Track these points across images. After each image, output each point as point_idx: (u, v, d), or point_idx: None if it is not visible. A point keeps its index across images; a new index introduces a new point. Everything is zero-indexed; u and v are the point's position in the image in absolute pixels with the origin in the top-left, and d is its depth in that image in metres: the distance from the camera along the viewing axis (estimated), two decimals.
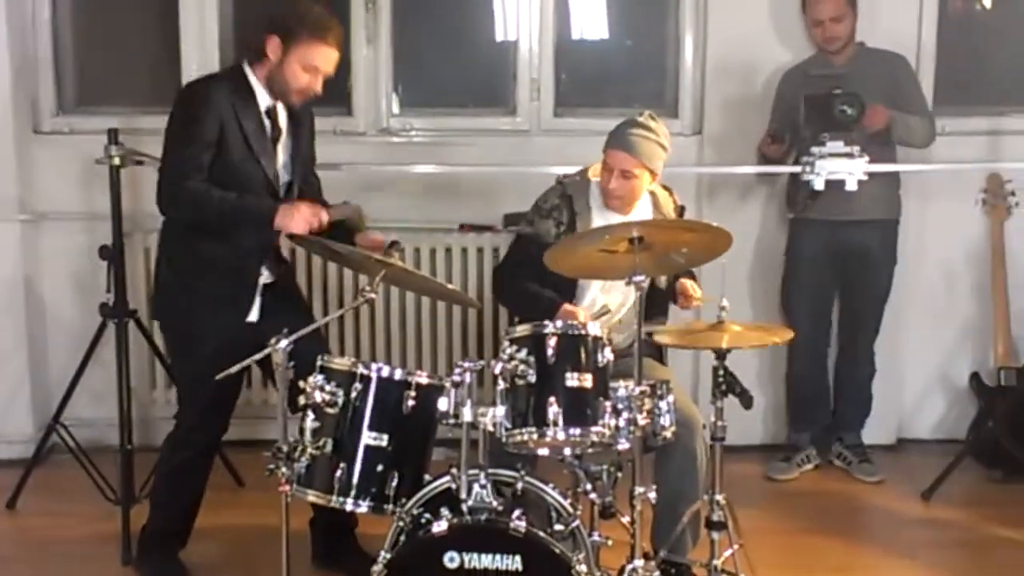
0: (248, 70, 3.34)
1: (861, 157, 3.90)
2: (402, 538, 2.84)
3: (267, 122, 3.36)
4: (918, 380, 4.59)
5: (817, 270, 4.47)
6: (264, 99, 3.34)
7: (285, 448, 2.86)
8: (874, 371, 4.57)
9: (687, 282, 3.45)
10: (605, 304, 3.34)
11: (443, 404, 2.88)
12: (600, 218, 3.46)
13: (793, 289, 4.53)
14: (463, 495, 2.77)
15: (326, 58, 3.31)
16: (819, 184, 3.93)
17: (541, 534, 2.76)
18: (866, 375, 4.56)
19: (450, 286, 3.27)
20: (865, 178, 3.92)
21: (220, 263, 3.34)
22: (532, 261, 3.27)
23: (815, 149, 3.93)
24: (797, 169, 4.13)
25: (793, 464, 4.56)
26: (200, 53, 4.70)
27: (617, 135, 3.38)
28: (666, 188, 3.61)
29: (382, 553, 2.79)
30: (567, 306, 3.31)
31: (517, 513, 2.75)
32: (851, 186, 3.91)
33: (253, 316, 3.39)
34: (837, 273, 4.48)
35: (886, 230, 4.43)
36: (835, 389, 4.62)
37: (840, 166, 3.89)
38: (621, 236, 2.89)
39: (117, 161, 3.84)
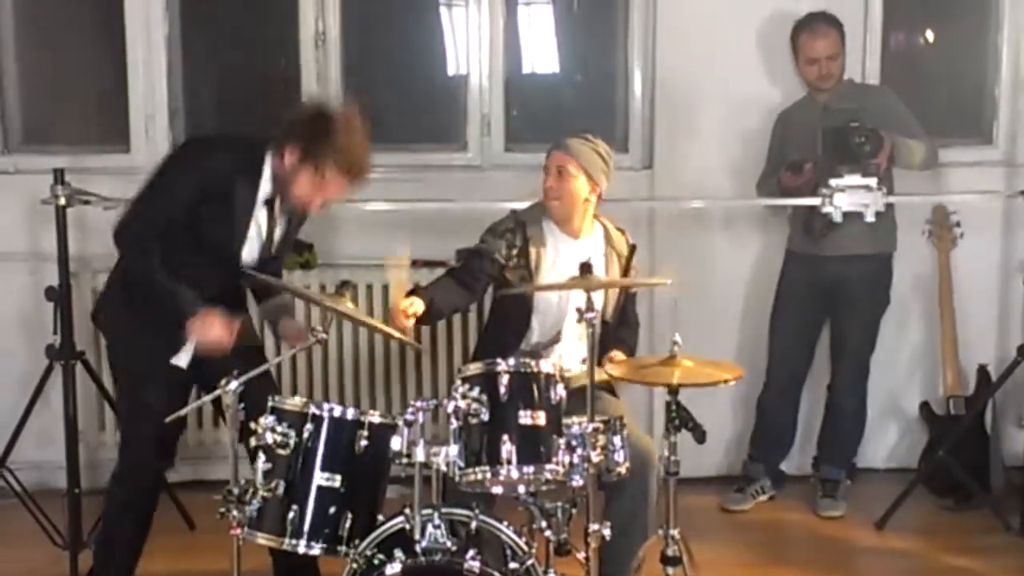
0: (268, 154, 3.23)
1: (879, 190, 3.94)
2: None
3: (263, 211, 3.28)
4: (870, 410, 4.63)
5: (802, 304, 4.52)
6: (267, 187, 3.25)
7: (236, 490, 2.82)
8: (858, 407, 4.58)
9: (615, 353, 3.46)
10: (559, 331, 3.39)
11: (396, 443, 2.86)
12: (553, 245, 3.52)
13: (777, 321, 4.58)
14: (417, 535, 2.76)
15: (341, 191, 3.23)
16: (838, 216, 3.97)
17: (496, 573, 2.74)
18: (849, 410, 4.57)
19: (389, 331, 3.23)
20: (883, 210, 3.97)
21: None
22: (465, 269, 3.52)
23: (833, 181, 3.97)
24: (788, 202, 4.30)
25: (748, 495, 4.58)
26: (148, 92, 4.68)
27: (556, 142, 3.54)
28: (619, 229, 3.65)
29: None
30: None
31: (471, 553, 2.73)
32: (869, 218, 3.94)
33: (182, 360, 3.24)
34: (824, 307, 4.53)
35: (877, 264, 4.48)
36: (821, 422, 4.65)
37: (858, 198, 3.94)
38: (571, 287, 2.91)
39: (63, 201, 3.79)
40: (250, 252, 3.32)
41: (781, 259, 4.58)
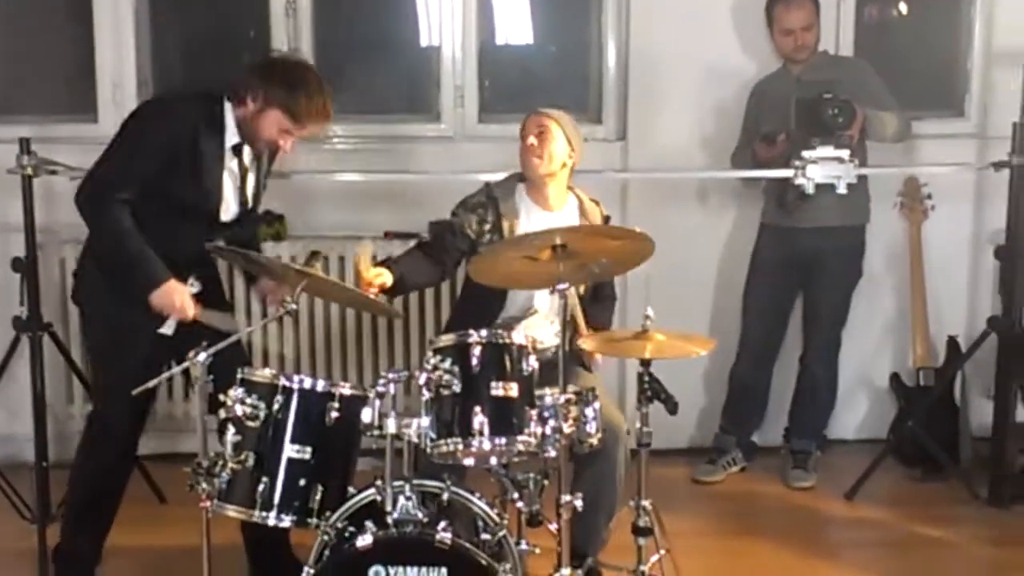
0: (228, 105, 3.25)
1: (851, 162, 3.94)
2: (327, 552, 2.81)
3: (233, 160, 3.29)
4: (841, 381, 4.65)
5: (776, 276, 4.52)
6: (232, 136, 3.26)
7: (205, 463, 2.81)
8: (828, 380, 4.59)
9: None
10: (533, 306, 3.39)
11: (367, 415, 2.85)
12: (526, 218, 3.49)
13: (750, 294, 4.59)
14: (388, 507, 2.75)
15: (304, 131, 3.27)
16: (810, 188, 3.97)
17: (467, 545, 2.74)
18: (820, 382, 4.59)
19: (370, 295, 3.23)
20: (855, 181, 3.97)
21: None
22: (435, 243, 3.53)
23: (806, 153, 3.96)
24: (760, 174, 4.30)
25: (719, 466, 4.60)
26: (115, 60, 4.62)
27: (532, 110, 3.55)
28: (594, 200, 3.64)
29: (306, 569, 2.76)
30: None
31: (443, 524, 2.73)
32: (841, 189, 3.95)
33: (167, 329, 3.29)
34: (797, 280, 4.54)
35: (849, 236, 4.48)
36: (793, 393, 4.67)
37: (831, 170, 3.93)
38: (546, 243, 2.87)
39: (30, 171, 3.74)
40: (227, 208, 3.32)
41: (755, 232, 4.58)
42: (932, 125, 4.78)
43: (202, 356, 2.80)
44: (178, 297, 3.19)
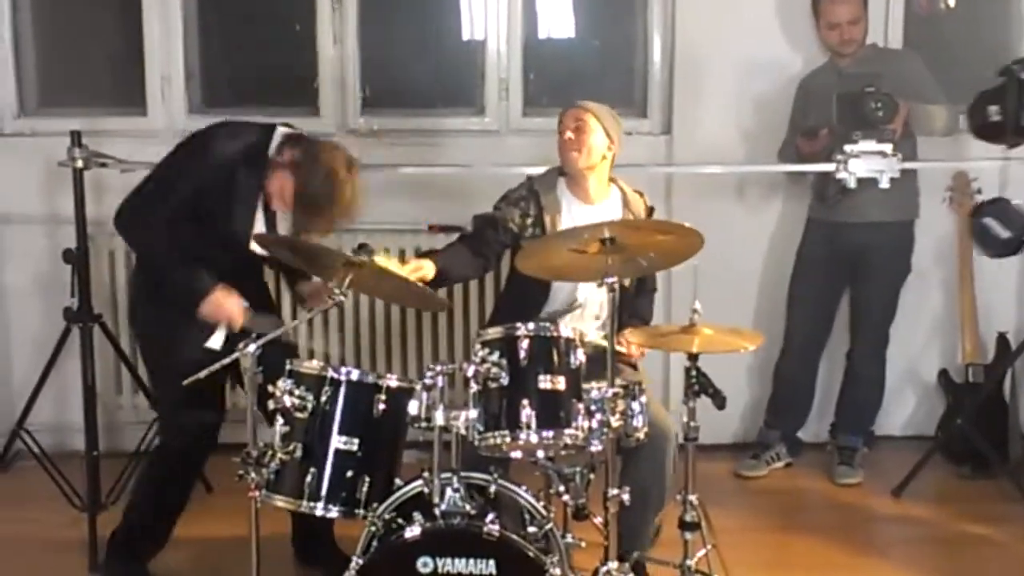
0: (275, 142, 3.26)
1: (894, 156, 3.90)
2: (374, 543, 2.82)
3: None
4: (889, 377, 4.60)
5: (822, 271, 4.49)
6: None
7: (254, 453, 2.83)
8: (876, 376, 4.56)
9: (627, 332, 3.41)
10: (577, 299, 3.39)
11: (414, 407, 2.86)
12: (568, 212, 3.48)
13: (796, 288, 4.55)
14: (436, 499, 2.76)
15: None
16: (852, 183, 3.93)
17: (515, 537, 2.74)
18: (868, 378, 4.55)
19: (420, 285, 3.23)
20: (898, 176, 3.93)
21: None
22: (478, 237, 3.51)
23: (848, 147, 3.93)
24: (803, 168, 4.26)
25: (762, 461, 4.58)
26: (164, 54, 4.66)
27: (569, 104, 3.54)
28: (637, 191, 3.62)
29: (354, 559, 2.77)
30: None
31: (491, 516, 2.73)
32: (884, 184, 3.90)
33: (215, 343, 3.28)
34: (844, 275, 4.50)
35: (898, 232, 4.44)
36: (840, 389, 4.64)
37: (873, 164, 3.90)
38: (595, 236, 2.87)
39: (80, 164, 3.77)
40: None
41: (800, 225, 4.55)
42: None
43: (251, 347, 2.82)
44: (227, 304, 3.21)
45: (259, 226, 3.30)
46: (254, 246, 3.28)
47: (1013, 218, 4.22)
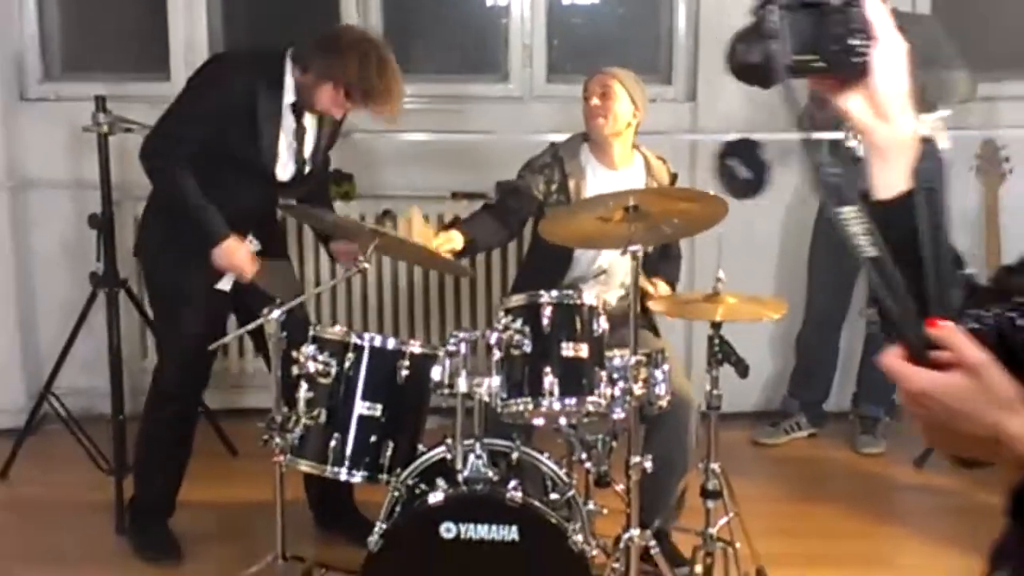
0: (288, 63, 3.25)
1: None
2: (398, 508, 2.83)
3: (290, 118, 3.29)
4: None
5: (839, 241, 4.43)
6: (290, 95, 3.27)
7: (279, 418, 2.85)
8: None
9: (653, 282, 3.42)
10: (599, 265, 3.38)
11: (437, 374, 2.87)
12: (593, 177, 3.47)
13: (815, 258, 4.53)
14: (459, 466, 2.77)
15: (362, 108, 3.24)
16: (861, 151, 3.88)
17: (537, 504, 2.75)
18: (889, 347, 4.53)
19: (443, 253, 3.23)
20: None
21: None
22: (502, 205, 3.49)
23: None
24: (817, 135, 4.12)
25: (781, 429, 4.58)
26: (188, 21, 4.65)
27: (594, 70, 3.51)
28: (660, 158, 3.61)
29: (378, 524, 2.78)
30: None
31: (513, 483, 2.75)
32: None
33: (224, 285, 3.33)
34: None
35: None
36: (861, 358, 4.63)
37: None
38: (620, 204, 2.86)
39: (105, 129, 3.77)
40: (284, 166, 3.33)
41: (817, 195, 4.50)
42: (1011, 87, 4.66)
43: (276, 313, 2.83)
44: (238, 255, 3.22)
45: (284, 152, 3.31)
46: (279, 170, 3.29)
47: (756, 159, 4.13)
